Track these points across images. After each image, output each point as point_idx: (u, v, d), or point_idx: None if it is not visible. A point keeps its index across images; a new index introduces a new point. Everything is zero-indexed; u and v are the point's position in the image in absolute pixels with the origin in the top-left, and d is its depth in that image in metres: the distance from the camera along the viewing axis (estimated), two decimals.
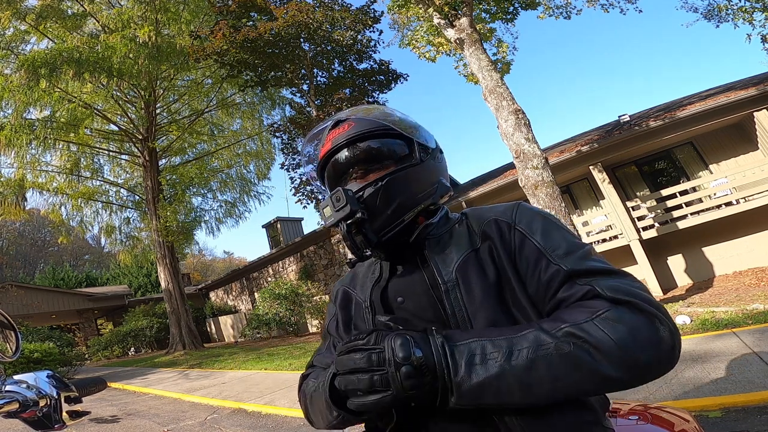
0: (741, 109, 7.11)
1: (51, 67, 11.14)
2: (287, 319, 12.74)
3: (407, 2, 7.96)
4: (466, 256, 0.73)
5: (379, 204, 0.73)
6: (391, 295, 0.78)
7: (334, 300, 0.93)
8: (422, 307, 0.74)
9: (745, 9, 9.11)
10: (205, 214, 16.72)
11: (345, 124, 0.80)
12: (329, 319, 0.93)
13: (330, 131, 0.82)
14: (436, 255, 0.75)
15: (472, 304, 0.68)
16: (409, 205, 0.76)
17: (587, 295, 0.62)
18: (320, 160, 0.83)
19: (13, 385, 0.75)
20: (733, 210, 6.95)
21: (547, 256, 0.68)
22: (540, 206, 5.85)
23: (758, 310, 4.49)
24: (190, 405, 5.99)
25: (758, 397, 2.61)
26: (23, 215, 14.79)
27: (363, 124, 0.79)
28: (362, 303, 0.83)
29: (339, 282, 0.96)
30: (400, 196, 0.75)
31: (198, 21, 13.76)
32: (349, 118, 0.81)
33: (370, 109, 0.85)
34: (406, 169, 0.77)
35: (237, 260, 48.67)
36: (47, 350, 9.85)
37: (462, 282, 0.71)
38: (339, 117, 0.84)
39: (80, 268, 38.78)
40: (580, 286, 0.63)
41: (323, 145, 0.82)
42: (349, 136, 0.78)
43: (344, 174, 0.80)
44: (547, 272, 0.66)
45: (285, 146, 12.18)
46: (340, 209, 0.71)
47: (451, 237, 0.78)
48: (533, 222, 0.73)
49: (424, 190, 0.78)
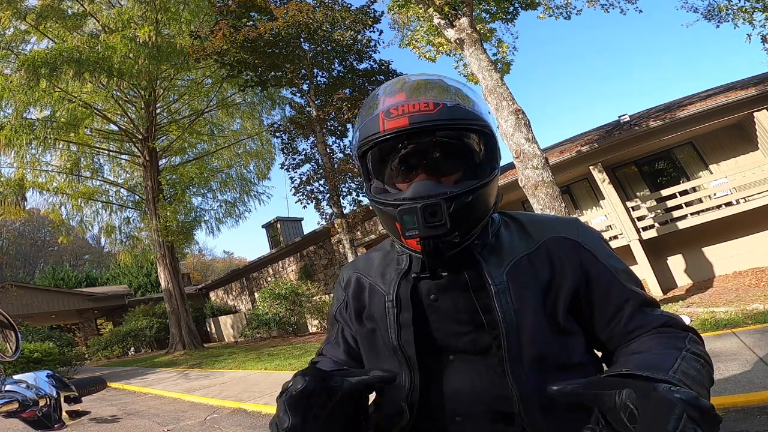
0: (741, 109, 7.11)
1: (51, 67, 11.13)
2: (287, 319, 12.74)
3: (407, 2, 7.96)
4: (518, 261, 0.72)
5: (463, 220, 0.66)
6: (422, 291, 0.74)
7: (344, 286, 0.88)
8: (457, 308, 0.71)
9: (745, 9, 9.11)
10: (205, 214, 16.74)
11: (430, 102, 0.64)
12: (337, 304, 0.88)
13: (398, 97, 0.67)
14: (484, 257, 0.72)
15: (521, 309, 0.68)
16: (484, 218, 0.71)
17: (667, 323, 0.69)
18: (382, 132, 0.65)
19: (12, 384, 0.75)
20: (733, 210, 6.95)
21: (620, 280, 0.72)
22: (540, 206, 5.86)
23: (758, 311, 4.49)
24: (189, 405, 5.99)
25: (758, 397, 2.61)
26: (23, 215, 14.81)
27: (453, 112, 0.65)
28: (384, 296, 0.77)
29: (350, 266, 0.89)
30: (481, 210, 0.69)
31: (198, 21, 13.77)
32: (435, 96, 0.66)
33: (462, 94, 0.69)
34: (492, 180, 0.69)
35: (237, 260, 48.66)
36: (47, 350, 9.84)
37: (513, 286, 0.69)
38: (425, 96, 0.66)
39: (80, 268, 38.77)
40: (653, 314, 0.71)
41: (390, 115, 0.65)
42: (435, 121, 0.64)
43: (397, 156, 0.68)
44: (622, 296, 0.71)
45: (285, 146, 12.17)
46: (435, 225, 0.62)
47: (498, 240, 0.75)
48: (598, 243, 0.76)
49: (495, 200, 0.73)
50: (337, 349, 0.87)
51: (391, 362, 0.75)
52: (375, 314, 0.78)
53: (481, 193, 0.67)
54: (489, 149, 0.71)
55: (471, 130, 0.68)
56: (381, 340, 0.76)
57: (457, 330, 0.72)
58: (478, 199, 0.66)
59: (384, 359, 0.76)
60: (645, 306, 0.71)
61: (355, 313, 0.82)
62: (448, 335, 0.72)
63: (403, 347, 0.72)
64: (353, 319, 0.83)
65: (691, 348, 0.62)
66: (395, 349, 0.73)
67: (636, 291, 0.72)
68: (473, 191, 0.65)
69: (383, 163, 0.71)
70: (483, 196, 0.67)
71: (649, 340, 0.67)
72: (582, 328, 0.73)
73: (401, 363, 0.73)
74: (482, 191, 0.67)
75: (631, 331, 0.69)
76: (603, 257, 0.74)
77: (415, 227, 0.63)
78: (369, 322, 0.80)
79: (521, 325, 0.67)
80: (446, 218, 0.62)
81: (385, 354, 0.76)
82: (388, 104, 0.66)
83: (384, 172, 0.72)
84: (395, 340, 0.73)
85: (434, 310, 0.73)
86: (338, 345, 0.87)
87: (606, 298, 0.71)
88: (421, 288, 0.74)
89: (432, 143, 0.66)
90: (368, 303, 0.80)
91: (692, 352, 0.61)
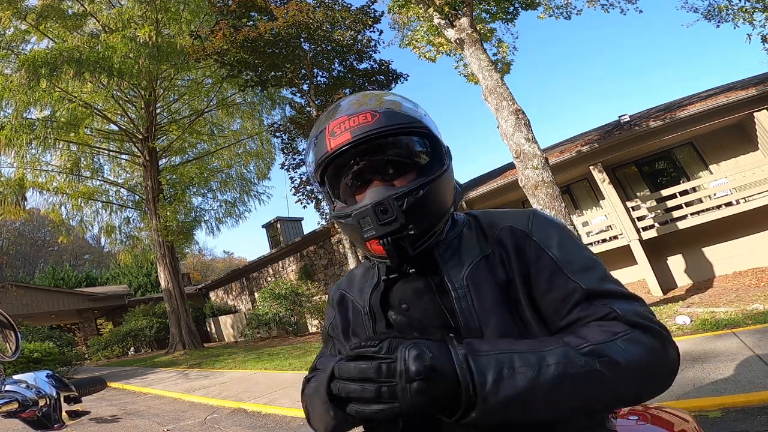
0: (741, 109, 7.11)
1: (51, 67, 11.14)
2: (287, 319, 12.75)
3: (407, 2, 7.96)
4: (477, 263, 0.71)
5: (419, 215, 0.68)
6: (394, 302, 0.75)
7: (332, 304, 0.90)
8: (428, 315, 0.71)
9: (746, 9, 9.11)
10: (205, 214, 16.77)
11: (367, 114, 0.69)
12: (329, 322, 0.91)
13: (339, 117, 0.71)
14: (445, 261, 0.72)
15: (483, 312, 0.67)
16: (443, 213, 0.73)
17: (607, 316, 0.63)
18: (330, 152, 0.69)
19: (12, 384, 0.74)
20: (733, 210, 6.95)
21: (565, 271, 0.68)
22: (540, 206, 5.85)
23: (758, 311, 4.49)
24: (189, 405, 5.99)
25: (758, 398, 2.61)
26: (23, 215, 14.81)
27: (391, 118, 0.69)
28: (361, 309, 0.79)
29: (336, 285, 0.93)
30: (436, 205, 0.71)
31: (198, 21, 13.77)
32: (371, 107, 0.71)
33: (396, 102, 0.74)
34: (442, 175, 0.71)
35: (237, 260, 48.67)
36: (47, 350, 9.86)
37: (473, 289, 0.69)
38: (362, 109, 0.71)
39: (80, 267, 38.78)
40: (597, 306, 0.65)
41: (334, 134, 0.69)
42: (375, 131, 0.67)
43: (350, 172, 0.72)
44: (565, 288, 0.67)
45: (285, 146, 12.19)
46: (387, 222, 0.64)
47: (460, 242, 0.75)
48: (549, 233, 0.72)
49: (452, 196, 0.75)
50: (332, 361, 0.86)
51: None
52: (356, 329, 0.80)
53: (432, 188, 0.69)
54: (432, 148, 0.74)
55: (409, 133, 0.71)
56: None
57: (431, 335, 0.71)
58: (429, 193, 0.69)
59: None
60: (593, 297, 0.65)
61: (342, 329, 0.84)
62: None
63: None
64: (341, 336, 0.85)
65: (600, 345, 0.57)
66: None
67: (583, 282, 0.66)
68: (423, 186, 0.68)
69: (340, 182, 0.74)
70: (435, 190, 0.70)
71: (574, 331, 0.63)
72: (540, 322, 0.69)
73: None
74: (433, 186, 0.69)
75: (570, 324, 0.65)
76: (551, 247, 0.70)
77: (371, 227, 0.65)
78: (354, 337, 0.81)
79: (485, 329, 0.66)
80: (397, 213, 0.64)
81: None
82: (332, 126, 0.71)
83: (343, 190, 0.75)
84: None
85: (407, 319, 0.73)
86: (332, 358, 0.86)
87: (548, 289, 0.68)
88: (393, 299, 0.75)
89: (377, 152, 0.70)
90: (352, 319, 0.82)
91: (590, 350, 0.56)
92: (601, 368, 0.56)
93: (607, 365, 0.56)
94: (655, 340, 0.60)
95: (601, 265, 0.71)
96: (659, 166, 8.94)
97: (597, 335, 0.59)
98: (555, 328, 0.67)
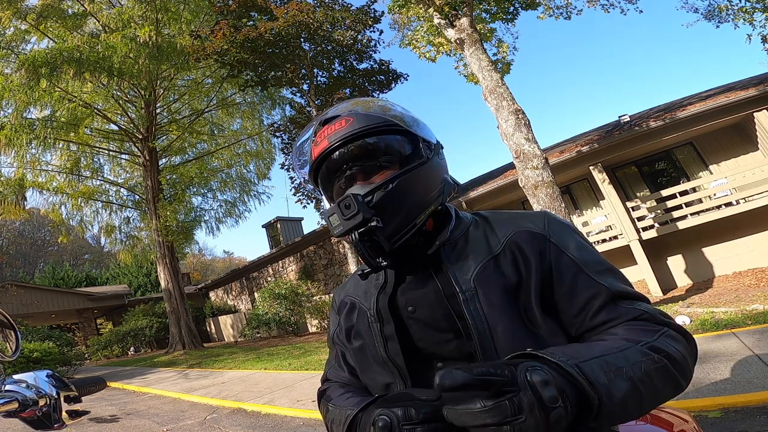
0: (741, 109, 7.11)
1: (51, 67, 11.14)
2: (287, 319, 12.75)
3: (407, 2, 7.96)
4: (485, 264, 0.71)
5: (391, 208, 0.68)
6: (400, 304, 0.75)
7: (336, 309, 0.90)
8: (435, 318, 0.71)
9: (746, 9, 9.12)
10: (205, 214, 16.77)
11: (342, 120, 0.73)
12: (333, 328, 0.90)
13: (323, 127, 0.75)
14: (452, 262, 0.72)
15: (492, 315, 0.67)
16: (421, 207, 0.72)
17: (640, 317, 0.65)
18: (314, 160, 0.75)
19: (12, 384, 0.75)
20: (733, 210, 6.95)
21: (588, 273, 0.69)
22: (540, 206, 5.86)
23: (758, 311, 4.49)
24: (189, 405, 5.99)
25: (758, 398, 2.61)
26: (23, 214, 14.78)
27: (364, 120, 0.72)
28: (367, 312, 0.78)
29: (339, 289, 0.92)
30: (411, 199, 0.71)
31: (198, 21, 13.77)
32: (347, 113, 0.74)
33: (368, 103, 0.78)
34: (416, 168, 0.71)
35: (237, 260, 48.68)
36: (47, 350, 9.85)
37: (481, 291, 0.68)
38: (334, 112, 0.76)
39: (80, 267, 38.77)
40: (625, 308, 0.66)
41: (316, 143, 0.75)
42: (349, 133, 0.71)
43: (342, 176, 0.74)
44: (590, 289, 0.68)
45: (285, 146, 12.21)
46: (351, 217, 0.65)
47: (467, 242, 0.75)
48: (566, 235, 0.73)
49: (434, 189, 0.74)
50: (342, 372, 0.87)
51: (384, 375, 0.75)
52: (361, 330, 0.79)
53: (406, 181, 0.70)
54: (410, 144, 0.75)
55: (382, 132, 0.73)
56: (370, 354, 0.77)
57: (439, 338, 0.71)
58: (401, 186, 0.69)
59: (377, 373, 0.77)
60: (618, 299, 0.67)
61: (346, 333, 0.84)
62: (432, 344, 0.72)
63: (392, 359, 0.73)
64: (345, 340, 0.84)
65: (653, 342, 0.58)
66: (386, 361, 0.74)
67: (607, 284, 0.68)
68: (393, 180, 0.69)
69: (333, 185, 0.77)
70: (409, 183, 0.70)
71: (614, 332, 0.63)
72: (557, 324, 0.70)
73: (393, 374, 0.74)
74: (406, 179, 0.70)
75: (599, 325, 0.66)
76: (570, 249, 0.71)
77: (339, 224, 0.66)
78: (356, 340, 0.81)
79: (494, 331, 0.66)
80: (360, 207, 0.64)
81: (376, 368, 0.77)
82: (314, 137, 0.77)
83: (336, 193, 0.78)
84: (384, 352, 0.74)
85: (414, 321, 0.73)
86: (342, 368, 0.88)
87: (572, 291, 0.68)
88: (399, 301, 0.75)
89: (358, 153, 0.72)
90: (356, 321, 0.82)
91: (651, 346, 0.57)
92: (668, 363, 0.58)
93: (669, 360, 0.58)
94: (683, 337, 0.63)
95: (617, 268, 0.73)
96: (659, 166, 8.94)
97: (642, 334, 0.61)
98: (580, 328, 0.68)
